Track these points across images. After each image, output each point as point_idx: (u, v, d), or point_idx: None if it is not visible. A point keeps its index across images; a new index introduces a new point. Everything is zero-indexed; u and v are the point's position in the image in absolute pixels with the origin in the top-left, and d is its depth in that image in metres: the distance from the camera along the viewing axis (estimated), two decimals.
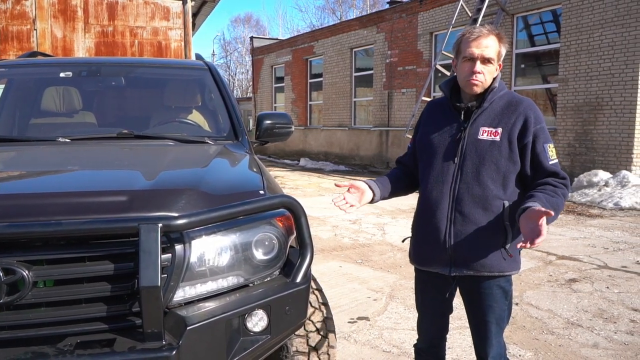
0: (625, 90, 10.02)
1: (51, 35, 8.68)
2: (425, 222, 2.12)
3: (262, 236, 1.90)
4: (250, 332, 1.84)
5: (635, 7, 9.81)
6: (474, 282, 2.08)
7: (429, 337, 2.32)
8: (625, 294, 4.53)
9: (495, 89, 2.04)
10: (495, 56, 1.99)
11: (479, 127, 2.02)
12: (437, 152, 2.10)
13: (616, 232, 7.12)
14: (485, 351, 2.13)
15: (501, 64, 2.05)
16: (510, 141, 1.98)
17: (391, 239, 6.74)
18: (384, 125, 16.59)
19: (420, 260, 2.19)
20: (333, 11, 44.78)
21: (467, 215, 2.00)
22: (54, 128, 3.12)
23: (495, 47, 1.99)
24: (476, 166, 2.01)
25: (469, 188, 2.01)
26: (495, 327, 2.10)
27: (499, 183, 1.99)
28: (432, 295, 2.22)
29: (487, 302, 2.08)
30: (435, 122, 2.16)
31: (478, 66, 1.98)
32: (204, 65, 3.62)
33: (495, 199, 1.99)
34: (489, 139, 1.99)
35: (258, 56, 24.00)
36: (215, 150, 2.67)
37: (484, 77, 1.99)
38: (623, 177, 9.67)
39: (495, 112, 2.02)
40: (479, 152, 2.00)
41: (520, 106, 2.01)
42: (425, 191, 2.13)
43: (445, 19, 13.89)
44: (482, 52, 1.97)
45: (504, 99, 2.04)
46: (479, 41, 1.97)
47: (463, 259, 2.02)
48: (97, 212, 1.74)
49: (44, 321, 1.65)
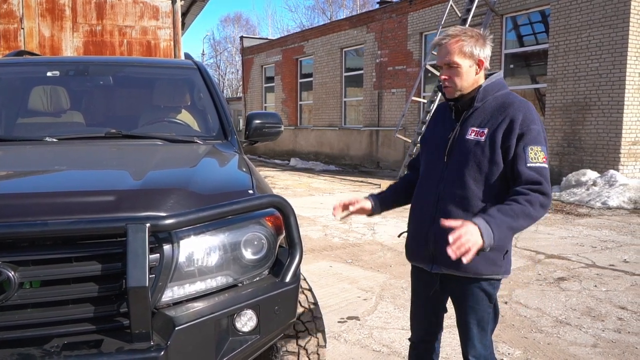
0: (612, 90, 10.12)
1: (39, 34, 8.60)
2: (414, 218, 2.19)
3: (251, 236, 1.89)
4: (239, 332, 1.83)
5: (622, 8, 9.90)
6: (457, 283, 2.09)
7: (419, 331, 2.34)
8: (612, 292, 4.57)
9: (483, 88, 2.02)
10: (461, 59, 1.97)
11: (469, 127, 2.02)
12: (431, 150, 2.16)
13: (604, 231, 7.18)
14: (467, 350, 2.15)
15: (482, 60, 2.00)
16: (494, 142, 1.95)
17: (381, 238, 6.75)
18: (374, 125, 16.61)
19: (409, 254, 2.25)
20: (323, 11, 44.79)
21: (448, 214, 2.00)
22: (41, 128, 3.09)
23: (460, 49, 1.97)
24: (460, 166, 2.01)
25: (452, 187, 2.03)
26: (477, 328, 2.11)
27: (481, 184, 1.98)
28: (420, 289, 2.27)
29: (468, 302, 2.09)
30: (436, 121, 2.21)
31: (443, 73, 2.02)
32: (193, 64, 3.61)
33: (477, 200, 1.98)
34: (475, 139, 1.99)
35: (248, 56, 23.95)
36: (204, 149, 2.66)
37: (452, 81, 2.01)
38: (611, 176, 9.76)
39: (486, 113, 2.01)
40: (464, 151, 2.01)
41: (511, 107, 1.97)
42: (418, 187, 2.21)
43: (435, 19, 13.94)
44: (443, 60, 2.00)
45: (498, 100, 2.02)
46: (440, 49, 2.02)
47: (442, 257, 1.99)
48: (84, 212, 1.73)
49: (30, 322, 1.63)
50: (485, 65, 2.01)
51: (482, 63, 2.00)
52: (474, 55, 1.98)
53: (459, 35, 1.98)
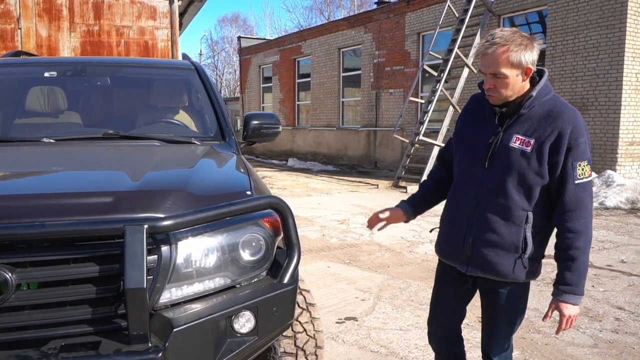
0: (609, 90, 10.14)
1: (36, 35, 8.58)
2: (449, 218, 2.15)
3: (249, 237, 1.89)
4: (237, 334, 1.83)
5: (619, 9, 9.92)
6: (490, 283, 2.09)
7: (443, 328, 2.31)
8: (610, 293, 4.58)
9: (533, 97, 1.93)
10: (506, 69, 1.87)
11: (513, 134, 1.95)
12: (470, 151, 2.07)
13: (601, 231, 7.19)
14: (490, 349, 2.17)
15: (530, 68, 1.89)
16: (541, 154, 1.89)
17: (379, 239, 6.75)
18: (372, 125, 16.62)
19: (442, 253, 2.22)
20: (321, 11, 44.77)
21: (487, 222, 1.99)
22: (39, 128, 3.08)
23: (507, 61, 1.86)
24: (503, 174, 1.96)
25: (492, 195, 1.98)
26: (506, 327, 2.13)
27: (523, 194, 1.94)
28: (447, 286, 2.25)
29: (500, 302, 2.10)
30: (474, 119, 2.11)
31: (488, 82, 1.94)
32: (191, 65, 3.60)
33: (518, 210, 1.95)
34: (520, 148, 1.92)
35: (246, 56, 23.94)
36: (202, 150, 2.65)
37: (497, 90, 1.93)
38: (608, 176, 9.79)
39: (532, 120, 1.93)
40: (508, 160, 1.94)
41: (560, 119, 1.89)
42: (454, 188, 2.16)
43: (433, 20, 13.95)
44: (488, 70, 1.91)
45: (545, 107, 1.94)
46: (484, 59, 1.91)
47: (478, 262, 2.03)
48: (82, 213, 1.72)
49: (27, 324, 1.62)
50: (532, 70, 1.92)
51: (530, 70, 1.91)
52: (522, 64, 1.88)
53: (508, 44, 1.85)
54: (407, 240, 6.70)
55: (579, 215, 1.91)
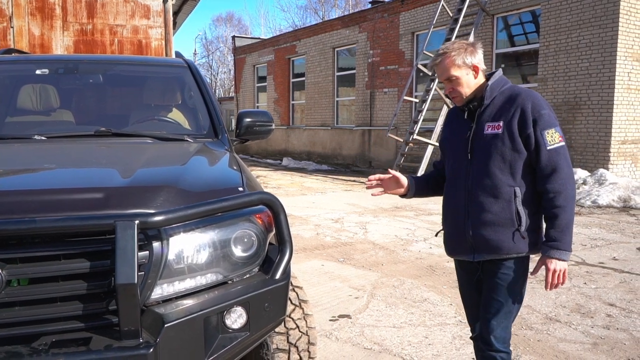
0: (602, 90, 10.19)
1: (28, 33, 8.54)
2: (448, 216, 2.33)
3: (241, 233, 1.89)
4: (229, 329, 1.83)
5: (612, 8, 9.97)
6: (493, 265, 2.20)
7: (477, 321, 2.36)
8: (602, 290, 4.60)
9: (489, 86, 2.18)
10: (456, 71, 2.16)
11: (484, 123, 2.17)
12: (454, 150, 2.30)
13: (594, 229, 7.23)
14: (489, 331, 2.19)
15: (476, 65, 2.18)
16: (512, 132, 2.09)
17: (373, 237, 6.76)
18: (367, 124, 16.64)
19: (450, 250, 2.37)
20: (315, 11, 44.73)
21: (481, 204, 2.15)
22: (31, 126, 3.07)
23: (453, 65, 2.15)
24: (484, 159, 2.15)
25: (480, 179, 2.16)
26: (503, 307, 2.18)
27: (507, 171, 2.12)
28: (466, 280, 2.38)
29: (501, 280, 2.19)
30: (452, 126, 2.36)
31: (447, 87, 2.22)
32: (184, 62, 3.59)
33: (505, 186, 2.12)
34: (492, 133, 2.13)
35: (240, 55, 23.90)
36: (194, 148, 2.65)
37: (456, 91, 2.20)
38: (600, 175, 9.84)
39: (496, 107, 2.16)
40: (485, 146, 2.14)
41: (518, 98, 2.12)
42: (446, 189, 2.35)
43: (427, 19, 13.98)
44: (442, 77, 2.21)
45: (505, 94, 2.18)
46: (437, 70, 2.22)
47: (482, 245, 2.17)
48: (73, 209, 1.72)
49: (18, 320, 1.62)
50: (480, 68, 2.19)
51: (477, 68, 2.18)
52: (467, 63, 2.16)
53: (448, 52, 2.17)
54: (401, 238, 6.71)
55: (556, 177, 2.08)
